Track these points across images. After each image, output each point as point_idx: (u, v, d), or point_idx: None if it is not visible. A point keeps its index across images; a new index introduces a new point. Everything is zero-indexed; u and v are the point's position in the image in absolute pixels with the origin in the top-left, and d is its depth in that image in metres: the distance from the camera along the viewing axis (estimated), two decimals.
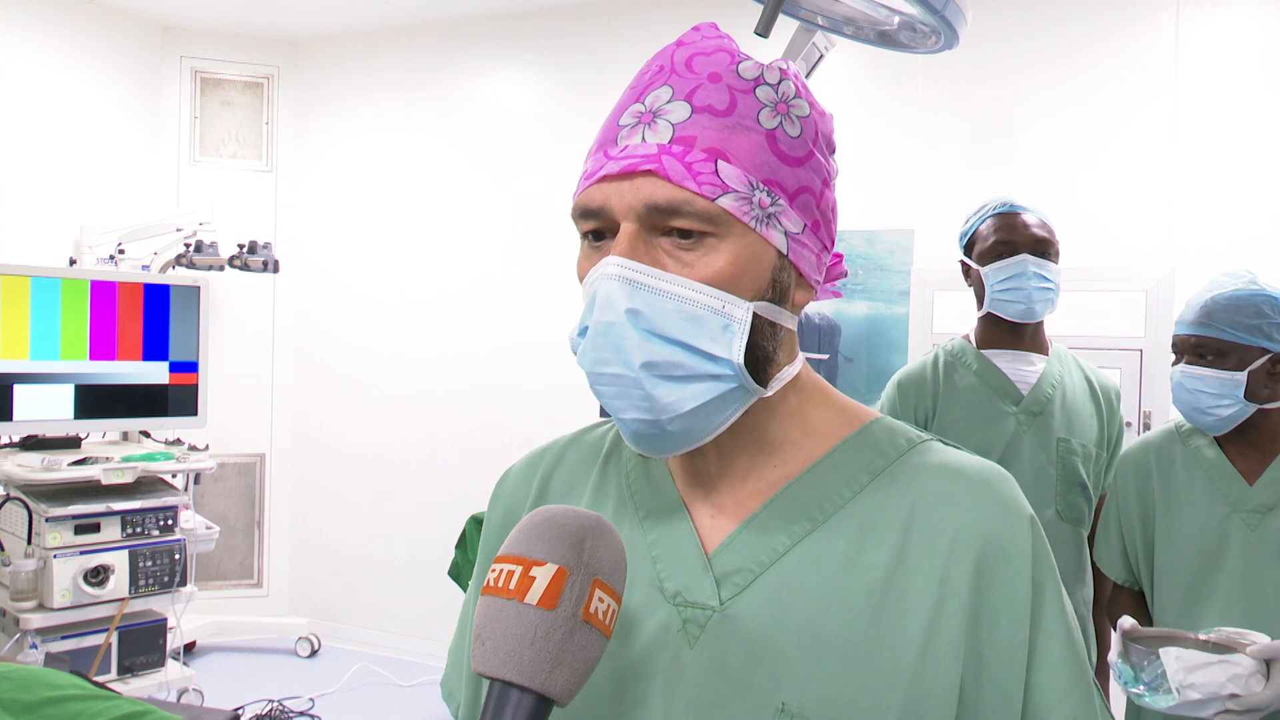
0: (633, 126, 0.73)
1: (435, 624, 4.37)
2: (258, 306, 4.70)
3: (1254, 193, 3.23)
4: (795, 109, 0.75)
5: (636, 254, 0.71)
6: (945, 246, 3.64)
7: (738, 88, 0.73)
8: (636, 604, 0.77)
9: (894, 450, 0.79)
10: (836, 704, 0.70)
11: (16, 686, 0.92)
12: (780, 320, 0.76)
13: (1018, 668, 0.73)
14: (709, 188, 0.70)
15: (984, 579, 0.73)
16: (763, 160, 0.72)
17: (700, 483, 0.80)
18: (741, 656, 0.73)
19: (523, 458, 0.94)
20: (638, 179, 0.71)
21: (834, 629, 0.72)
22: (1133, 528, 1.85)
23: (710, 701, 0.73)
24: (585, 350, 0.73)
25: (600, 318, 0.71)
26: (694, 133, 0.71)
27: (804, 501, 0.77)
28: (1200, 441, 1.80)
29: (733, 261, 0.72)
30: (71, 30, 4.18)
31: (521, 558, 0.65)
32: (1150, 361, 3.30)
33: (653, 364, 0.71)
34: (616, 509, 0.83)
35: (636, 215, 0.71)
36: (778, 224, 0.73)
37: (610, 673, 0.76)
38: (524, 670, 0.62)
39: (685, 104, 0.72)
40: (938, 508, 0.75)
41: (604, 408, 0.75)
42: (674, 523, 0.79)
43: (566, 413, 4.18)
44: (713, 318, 0.71)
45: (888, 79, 3.70)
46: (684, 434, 0.74)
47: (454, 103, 4.46)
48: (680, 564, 0.77)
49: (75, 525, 3.19)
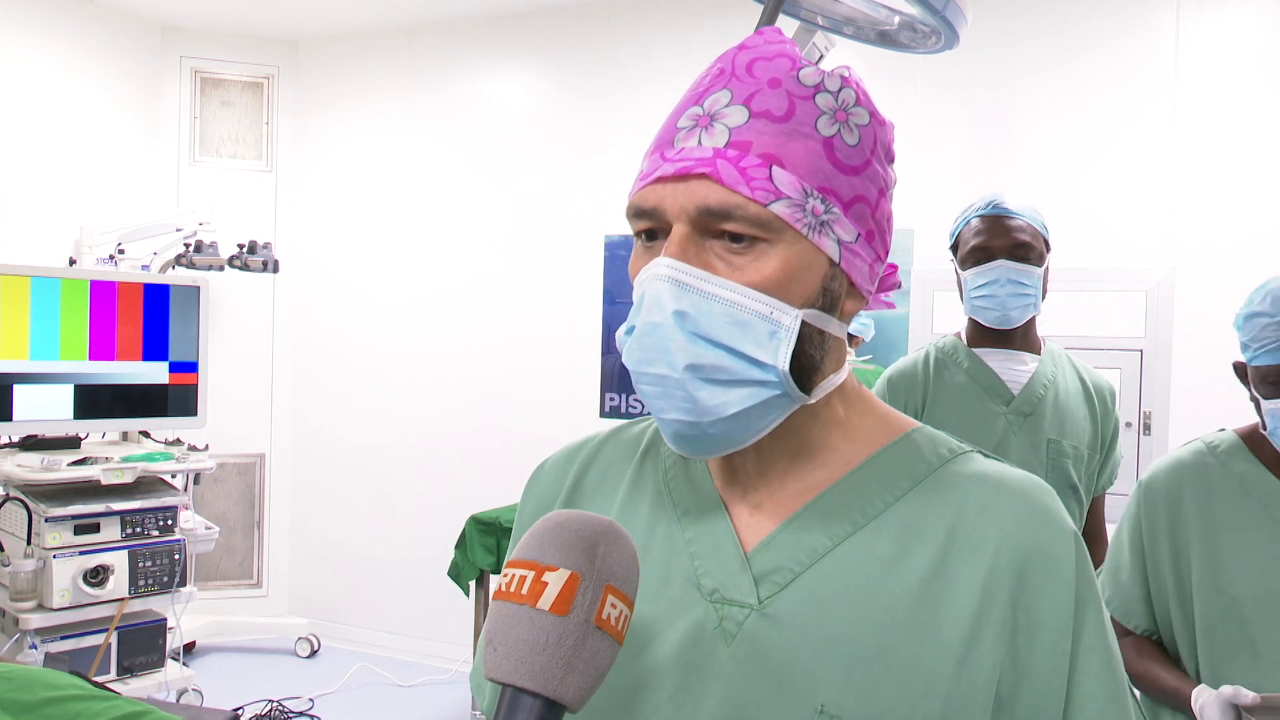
0: (690, 129, 0.73)
1: (435, 624, 4.37)
2: (257, 306, 4.70)
3: (1254, 193, 3.23)
4: (855, 117, 0.74)
5: (687, 256, 0.71)
6: (945, 247, 3.64)
7: (797, 94, 0.73)
8: (673, 600, 0.77)
9: (936, 458, 0.79)
10: (875, 708, 0.70)
11: (16, 687, 0.92)
12: (829, 329, 0.75)
13: (1059, 680, 0.72)
14: (762, 193, 0.70)
15: (1027, 590, 0.73)
16: (819, 168, 0.72)
17: (739, 481, 0.80)
18: (779, 656, 0.73)
19: (558, 451, 0.93)
20: (691, 182, 0.71)
21: (873, 632, 0.72)
22: (1160, 566, 1.56)
23: (746, 700, 0.72)
24: (631, 349, 0.74)
25: (648, 318, 0.72)
26: (750, 138, 0.71)
27: (845, 504, 0.77)
28: (1243, 464, 1.53)
29: (783, 268, 0.71)
30: (71, 30, 4.18)
31: (534, 563, 0.65)
32: (1150, 361, 3.30)
33: (697, 366, 0.71)
34: (654, 505, 0.83)
35: (689, 218, 0.71)
36: (831, 232, 0.73)
37: (644, 669, 0.75)
38: (536, 676, 0.62)
39: (743, 108, 0.72)
40: (981, 517, 0.75)
41: (647, 407, 0.75)
42: (712, 520, 0.79)
43: (566, 413, 4.19)
44: (760, 323, 0.71)
45: (888, 79, 3.70)
46: (724, 437, 0.74)
47: (454, 103, 4.46)
48: (718, 561, 0.77)
49: (75, 525, 3.19)
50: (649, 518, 0.82)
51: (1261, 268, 3.23)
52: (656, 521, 0.81)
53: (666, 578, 0.78)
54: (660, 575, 0.78)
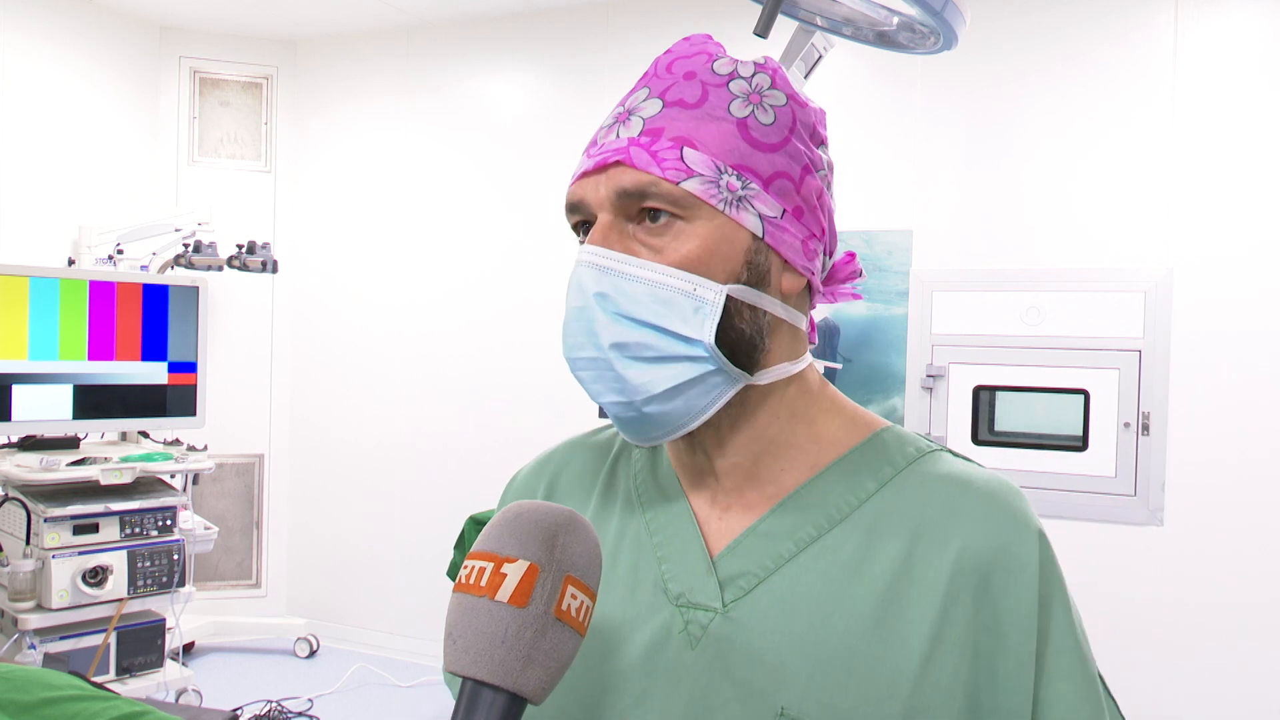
0: (610, 126, 0.77)
1: (434, 624, 4.36)
2: (256, 307, 4.70)
3: (1253, 194, 3.23)
4: (769, 99, 0.76)
5: (609, 242, 0.73)
6: (944, 247, 3.65)
7: (710, 82, 0.76)
8: (641, 604, 0.77)
9: (903, 458, 0.79)
10: (837, 710, 0.70)
11: (14, 687, 0.92)
12: (761, 305, 0.75)
13: (1025, 681, 0.72)
14: (673, 172, 0.72)
15: (991, 591, 0.73)
16: (732, 147, 0.74)
17: (706, 484, 0.80)
18: (742, 660, 0.73)
19: (532, 460, 0.94)
20: (610, 170, 0.74)
21: (837, 635, 0.72)
22: None
23: (709, 704, 0.73)
24: (564, 337, 0.76)
25: (572, 303, 0.75)
26: (663, 124, 0.74)
27: (811, 507, 0.77)
28: None
29: (703, 244, 0.73)
30: (70, 30, 4.18)
31: (493, 554, 0.65)
32: (1149, 362, 3.30)
33: (622, 345, 0.73)
34: (624, 508, 0.83)
35: (610, 205, 0.74)
36: (749, 207, 0.74)
37: (611, 672, 0.76)
38: (495, 669, 0.62)
39: (658, 100, 0.75)
40: (946, 518, 0.75)
41: (588, 394, 0.76)
42: (680, 525, 0.80)
43: (566, 413, 4.19)
44: (684, 300, 0.72)
45: (887, 80, 3.70)
46: (663, 417, 0.74)
47: (453, 103, 4.46)
48: (685, 566, 0.77)
49: (74, 525, 3.19)
50: (620, 520, 0.83)
51: (1260, 269, 3.23)
52: (627, 524, 0.82)
53: (635, 581, 0.78)
54: (629, 579, 0.79)
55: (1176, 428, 3.28)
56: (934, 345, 3.58)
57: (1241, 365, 3.21)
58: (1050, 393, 3.42)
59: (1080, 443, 3.37)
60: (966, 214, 3.61)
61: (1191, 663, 3.25)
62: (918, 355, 3.61)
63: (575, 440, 0.93)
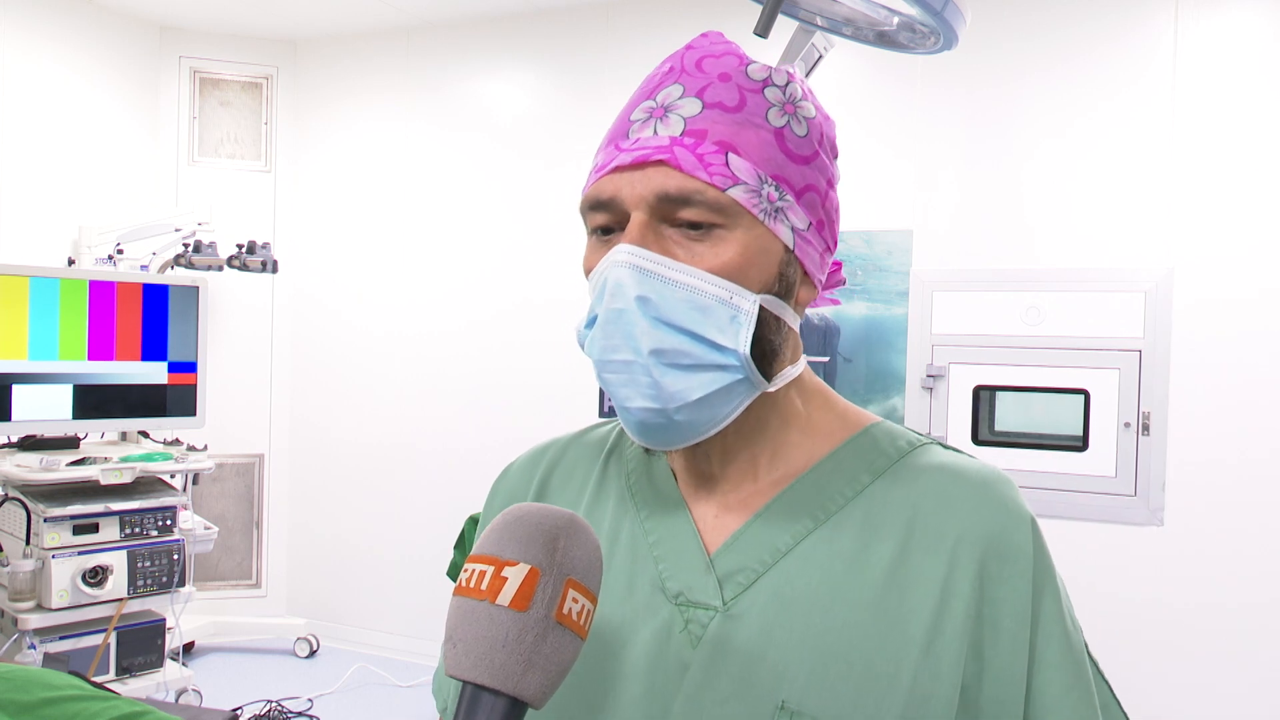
0: (644, 121, 0.74)
1: (434, 624, 4.36)
2: (256, 307, 4.70)
3: (1253, 194, 3.23)
4: (802, 110, 0.76)
5: (646, 243, 0.72)
6: (944, 247, 3.65)
7: (747, 87, 0.74)
8: (639, 604, 0.77)
9: (895, 451, 0.79)
10: (837, 703, 0.70)
11: (14, 687, 0.92)
12: (784, 316, 0.76)
13: (1020, 669, 0.72)
14: (720, 178, 0.71)
15: (987, 580, 0.73)
16: (771, 156, 0.73)
17: (702, 482, 0.80)
18: (743, 656, 0.73)
19: (524, 453, 0.94)
20: (649, 169, 0.72)
21: (835, 628, 0.72)
22: None
23: (710, 700, 0.73)
24: (594, 338, 0.74)
25: (610, 305, 0.72)
26: (705, 126, 0.72)
27: (806, 500, 0.77)
28: None
29: (741, 253, 0.72)
30: (70, 30, 4.18)
31: (493, 558, 0.64)
32: (1149, 362, 3.30)
33: (661, 351, 0.72)
34: (618, 507, 0.83)
35: (648, 205, 0.72)
36: (785, 219, 0.74)
37: (612, 672, 0.76)
38: (495, 673, 0.61)
39: (696, 100, 0.74)
40: (941, 509, 0.75)
41: (610, 398, 0.75)
42: (676, 522, 0.79)
43: (566, 413, 4.19)
44: (720, 308, 0.72)
45: (887, 80, 3.70)
46: (690, 425, 0.74)
47: (453, 103, 4.46)
48: (683, 564, 0.77)
49: (74, 525, 3.19)
50: (613, 520, 0.82)
51: (1260, 269, 3.23)
52: (621, 524, 0.82)
53: (632, 581, 0.78)
54: (626, 578, 0.79)
55: (1177, 428, 3.28)
56: (934, 345, 3.58)
57: (1241, 365, 3.21)
58: (1050, 393, 3.42)
59: (1080, 443, 3.37)
60: (966, 214, 3.61)
61: (1191, 663, 3.25)
62: (918, 355, 3.61)
63: (570, 435, 0.92)
